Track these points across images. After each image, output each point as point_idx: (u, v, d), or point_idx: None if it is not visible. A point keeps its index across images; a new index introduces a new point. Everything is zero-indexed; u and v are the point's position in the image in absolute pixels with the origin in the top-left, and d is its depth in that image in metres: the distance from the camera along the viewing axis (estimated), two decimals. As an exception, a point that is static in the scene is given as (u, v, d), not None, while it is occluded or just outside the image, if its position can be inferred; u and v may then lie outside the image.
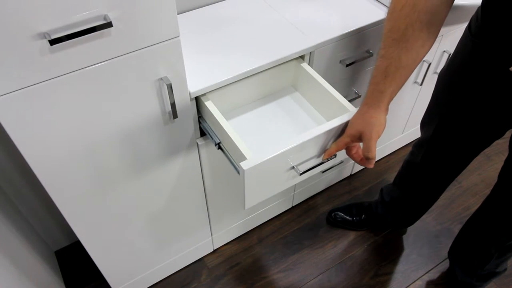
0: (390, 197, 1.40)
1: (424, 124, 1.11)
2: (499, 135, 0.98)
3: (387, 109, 0.83)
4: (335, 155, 0.92)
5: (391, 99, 0.82)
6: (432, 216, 1.63)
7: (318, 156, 0.92)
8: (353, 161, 1.68)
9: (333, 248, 1.54)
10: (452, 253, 1.36)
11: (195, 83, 0.95)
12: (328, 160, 0.92)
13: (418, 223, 1.59)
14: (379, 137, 0.83)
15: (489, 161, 1.81)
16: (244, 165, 0.81)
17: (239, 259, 1.51)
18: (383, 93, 0.80)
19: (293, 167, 0.89)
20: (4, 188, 1.21)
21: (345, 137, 0.87)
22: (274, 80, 1.11)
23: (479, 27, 0.82)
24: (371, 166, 0.87)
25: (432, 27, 0.76)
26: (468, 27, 0.88)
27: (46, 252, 1.39)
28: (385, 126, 0.84)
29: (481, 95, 0.90)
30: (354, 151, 0.90)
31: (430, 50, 1.38)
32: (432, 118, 1.06)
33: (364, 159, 0.86)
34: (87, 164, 0.90)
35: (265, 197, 0.93)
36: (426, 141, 1.10)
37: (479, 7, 0.83)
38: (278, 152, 0.83)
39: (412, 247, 1.55)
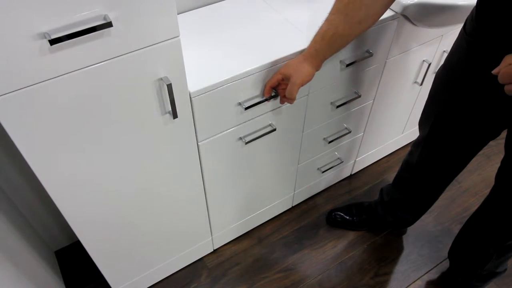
0: (390, 197, 1.40)
1: (421, 123, 1.11)
2: (494, 135, 0.98)
3: (319, 66, 0.97)
4: (276, 94, 1.06)
5: (324, 58, 0.95)
6: (432, 216, 1.63)
7: (262, 96, 1.06)
8: (353, 161, 1.68)
9: (333, 248, 1.54)
10: (452, 253, 1.36)
11: (195, 83, 0.95)
12: (268, 99, 1.07)
13: (418, 223, 1.59)
14: (302, 85, 0.98)
15: (489, 161, 1.81)
16: (190, 87, 0.93)
17: (239, 259, 1.51)
18: (317, 52, 0.93)
19: (239, 103, 1.03)
20: (4, 188, 1.21)
21: (277, 73, 1.01)
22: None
23: (474, 27, 0.83)
24: (291, 103, 1.05)
25: (371, 9, 0.84)
26: (464, 27, 0.88)
27: (46, 252, 1.39)
28: (311, 78, 0.98)
29: (476, 94, 0.90)
30: (282, 87, 1.04)
31: (430, 50, 1.39)
32: (428, 117, 1.06)
33: (286, 97, 1.03)
34: (87, 164, 0.90)
35: (217, 130, 1.06)
36: (423, 140, 1.10)
37: (474, 7, 0.83)
38: (223, 79, 0.96)
39: (412, 247, 1.55)
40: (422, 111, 1.10)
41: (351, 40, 0.91)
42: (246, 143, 1.13)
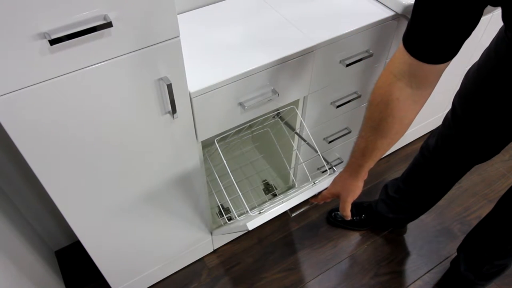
0: (396, 190, 1.38)
1: (448, 119, 1.10)
2: None
3: (365, 175, 0.97)
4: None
5: (369, 168, 0.95)
6: (432, 216, 1.63)
7: (262, 94, 1.06)
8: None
9: (333, 248, 1.54)
10: (464, 245, 1.34)
11: (195, 83, 0.95)
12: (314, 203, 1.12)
13: (418, 223, 1.59)
14: (354, 199, 1.00)
15: (489, 161, 1.81)
16: (190, 87, 0.94)
17: (239, 259, 1.51)
18: (361, 167, 0.93)
19: (240, 104, 1.03)
20: (4, 188, 1.21)
21: (328, 193, 1.04)
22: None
23: None
24: (346, 219, 1.05)
25: (405, 119, 0.83)
26: (505, 29, 0.84)
27: (46, 252, 1.39)
28: (361, 189, 0.99)
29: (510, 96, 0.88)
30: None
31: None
32: (455, 111, 1.05)
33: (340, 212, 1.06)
34: (88, 165, 0.90)
35: (217, 130, 1.06)
36: (451, 136, 1.09)
37: None
38: (223, 79, 0.96)
39: (412, 247, 1.55)
40: (451, 107, 1.08)
41: (392, 147, 0.90)
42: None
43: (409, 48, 0.75)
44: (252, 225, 0.94)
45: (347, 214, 1.02)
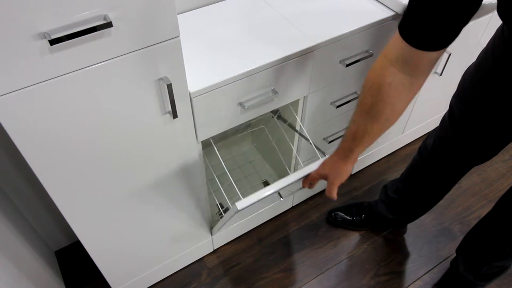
0: (395, 191, 1.38)
1: (445, 120, 1.10)
2: None
3: (355, 160, 0.97)
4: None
5: (359, 153, 0.94)
6: (432, 216, 1.63)
7: (262, 94, 1.06)
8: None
9: (333, 248, 1.54)
10: (462, 246, 1.34)
11: (195, 83, 0.95)
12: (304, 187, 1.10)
13: (418, 223, 1.59)
14: (341, 183, 1.00)
15: (488, 161, 1.81)
16: (190, 87, 0.94)
17: (239, 259, 1.51)
18: (351, 151, 0.93)
19: (240, 104, 1.03)
20: (4, 188, 1.21)
21: (316, 174, 1.03)
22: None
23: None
24: (334, 200, 1.07)
25: (397, 106, 0.83)
26: (502, 29, 0.85)
27: (46, 252, 1.39)
28: (349, 173, 0.99)
29: (508, 97, 0.88)
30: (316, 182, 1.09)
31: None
32: (452, 112, 1.05)
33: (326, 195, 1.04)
34: (87, 165, 0.90)
35: (217, 130, 1.06)
36: (448, 138, 1.09)
37: None
38: (223, 79, 0.96)
39: (412, 247, 1.55)
40: (449, 109, 1.08)
41: (381, 134, 0.90)
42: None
43: (403, 33, 0.76)
44: (240, 205, 0.93)
45: (333, 196, 1.01)
